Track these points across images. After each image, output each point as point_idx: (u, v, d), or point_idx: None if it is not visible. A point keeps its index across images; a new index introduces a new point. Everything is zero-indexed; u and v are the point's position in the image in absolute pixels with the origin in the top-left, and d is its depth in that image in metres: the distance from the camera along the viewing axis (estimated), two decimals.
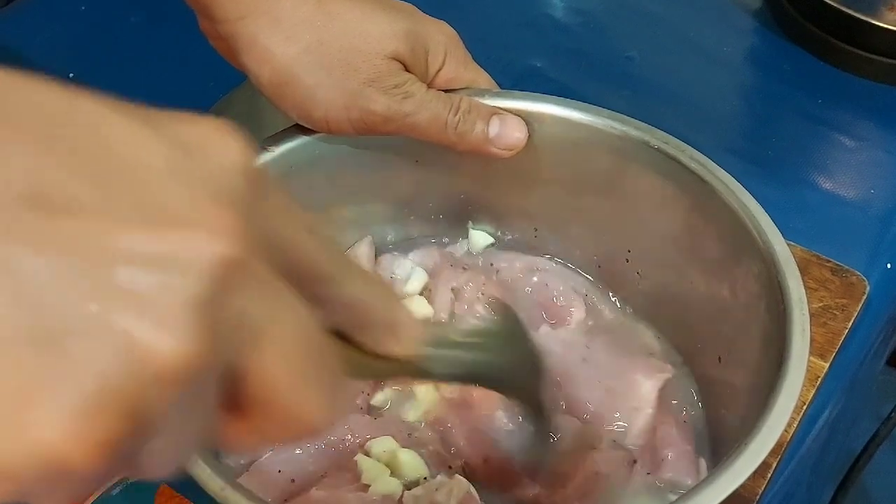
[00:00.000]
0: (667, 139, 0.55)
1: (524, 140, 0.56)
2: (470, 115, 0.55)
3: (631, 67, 0.85)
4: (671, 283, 0.58)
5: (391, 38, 0.53)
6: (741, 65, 0.88)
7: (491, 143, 0.56)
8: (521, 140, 0.56)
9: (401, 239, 0.64)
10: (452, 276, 0.60)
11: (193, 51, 0.55)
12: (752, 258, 0.51)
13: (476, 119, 0.55)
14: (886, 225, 0.72)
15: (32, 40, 0.86)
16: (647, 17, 0.90)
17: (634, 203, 0.58)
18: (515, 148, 0.56)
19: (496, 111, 0.56)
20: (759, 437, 0.43)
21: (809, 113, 0.81)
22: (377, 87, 0.52)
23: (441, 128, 0.54)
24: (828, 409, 0.64)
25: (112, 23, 0.89)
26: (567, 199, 0.60)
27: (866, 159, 0.78)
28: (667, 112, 0.61)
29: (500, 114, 0.56)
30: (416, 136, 0.55)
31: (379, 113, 0.53)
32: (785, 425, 0.43)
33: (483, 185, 0.61)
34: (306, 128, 0.55)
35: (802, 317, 0.47)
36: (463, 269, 0.61)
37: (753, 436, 0.43)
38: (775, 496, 0.59)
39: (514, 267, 0.62)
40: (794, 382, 0.45)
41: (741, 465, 0.42)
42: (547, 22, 0.90)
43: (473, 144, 0.55)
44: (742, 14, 0.90)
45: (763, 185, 0.53)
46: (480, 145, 0.55)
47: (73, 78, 0.82)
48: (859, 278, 0.66)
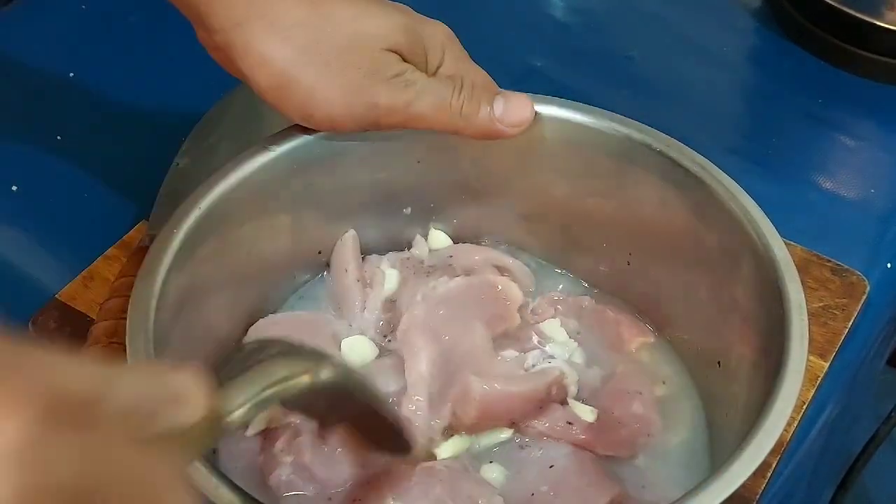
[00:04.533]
0: (668, 142, 0.55)
1: (531, 116, 0.56)
2: (474, 94, 0.54)
3: (631, 67, 0.85)
4: (671, 286, 0.58)
5: (388, 32, 0.53)
6: (741, 64, 0.88)
7: (498, 122, 0.55)
8: (528, 117, 0.55)
9: (390, 236, 0.64)
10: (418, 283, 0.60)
11: (193, 51, 0.55)
12: (751, 262, 0.51)
13: (481, 98, 0.54)
14: (887, 225, 0.73)
15: (32, 40, 0.86)
16: (647, 17, 0.90)
17: (636, 206, 0.57)
18: (522, 125, 0.55)
19: (499, 90, 0.55)
20: (756, 440, 0.43)
21: (810, 113, 0.81)
22: (378, 78, 0.52)
23: (447, 112, 0.53)
24: (828, 408, 0.64)
25: (112, 23, 0.89)
26: (568, 201, 0.60)
27: (866, 159, 0.79)
28: (667, 112, 0.61)
29: (503, 92, 0.55)
30: (423, 126, 0.54)
31: (382, 104, 0.52)
32: (781, 430, 0.43)
33: (483, 185, 0.61)
34: (306, 127, 0.55)
35: (801, 322, 0.47)
36: (426, 275, 0.60)
37: (750, 440, 0.43)
38: (775, 495, 0.59)
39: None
40: (791, 388, 0.45)
41: (739, 468, 0.42)
42: (547, 22, 0.90)
43: (481, 126, 0.54)
44: (742, 14, 0.90)
45: (763, 184, 0.53)
46: (488, 125, 0.55)
47: (73, 78, 0.82)
48: (859, 278, 0.66)
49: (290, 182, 0.56)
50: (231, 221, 0.54)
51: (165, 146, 0.73)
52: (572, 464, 0.52)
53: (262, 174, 0.55)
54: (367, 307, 0.59)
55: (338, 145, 0.57)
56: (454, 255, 0.62)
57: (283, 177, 0.56)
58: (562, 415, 0.54)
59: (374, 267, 0.61)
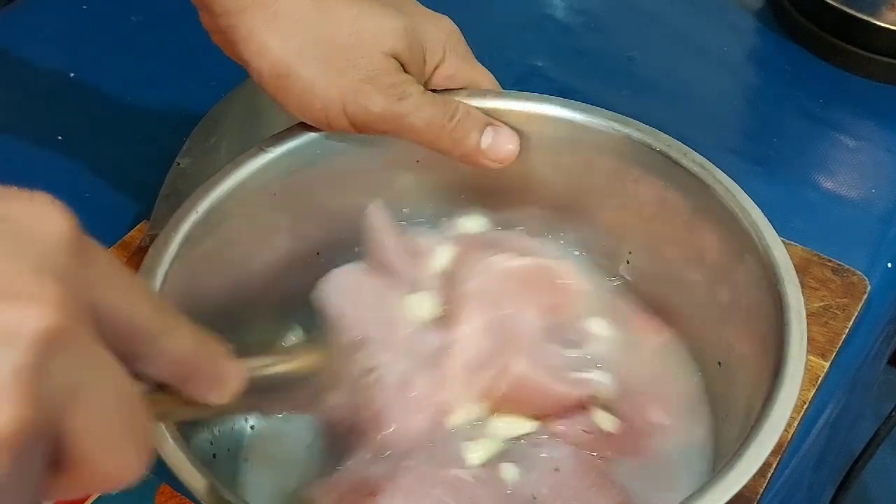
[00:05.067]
0: (669, 142, 0.55)
1: (515, 153, 0.56)
2: (466, 121, 0.55)
3: (631, 67, 0.85)
4: (671, 286, 0.58)
5: (389, 36, 0.53)
6: (742, 65, 0.88)
7: (483, 155, 0.55)
8: (512, 152, 0.56)
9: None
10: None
11: (193, 51, 0.55)
12: (751, 264, 0.51)
13: (472, 127, 0.55)
14: (887, 224, 0.72)
15: (32, 40, 0.86)
16: (647, 17, 0.90)
17: (635, 205, 0.57)
18: (506, 161, 0.56)
19: (491, 121, 0.56)
20: (756, 442, 0.42)
21: (810, 113, 0.81)
22: (374, 84, 0.52)
23: (437, 132, 0.54)
24: (828, 408, 0.64)
25: (112, 23, 0.89)
26: (567, 201, 0.60)
27: (867, 159, 0.78)
28: (667, 112, 0.61)
29: (494, 124, 0.56)
30: (412, 138, 0.55)
31: (374, 111, 0.53)
32: (779, 436, 0.43)
33: (482, 186, 0.61)
34: (307, 128, 0.55)
35: (800, 325, 0.47)
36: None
37: (751, 442, 0.43)
38: (776, 496, 0.59)
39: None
40: (790, 391, 0.45)
41: (740, 470, 0.42)
42: (548, 22, 0.90)
43: (466, 152, 0.55)
44: (742, 14, 0.90)
45: (764, 184, 0.53)
46: (473, 154, 0.55)
47: (74, 78, 0.82)
48: (860, 278, 0.66)
49: (289, 184, 0.56)
50: (229, 223, 0.54)
51: (166, 146, 0.73)
52: (576, 465, 0.52)
53: (260, 176, 0.55)
54: (417, 280, 0.58)
55: (337, 146, 0.57)
56: (501, 241, 0.60)
57: (282, 178, 0.56)
58: (583, 420, 0.53)
59: (416, 240, 0.60)
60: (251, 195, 0.55)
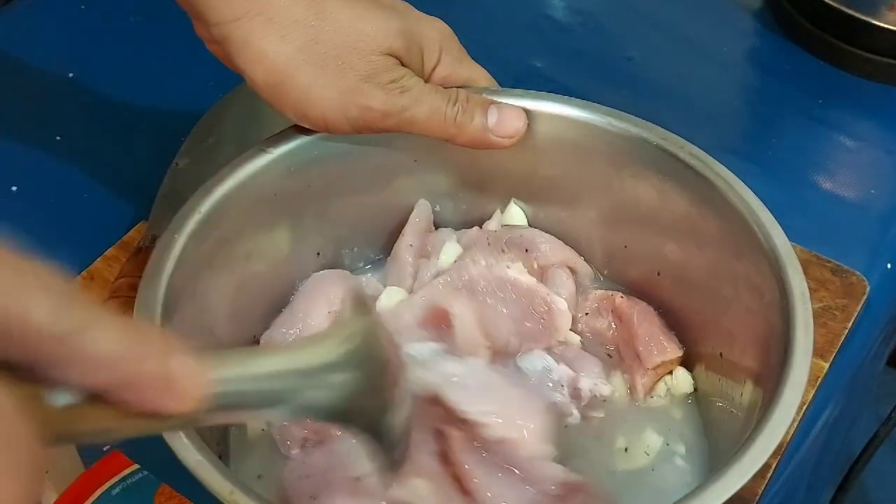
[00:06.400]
0: (665, 135, 0.55)
1: (523, 128, 0.56)
2: (469, 105, 0.55)
3: (631, 67, 0.85)
4: (671, 279, 0.58)
5: (386, 36, 0.53)
6: (741, 65, 0.88)
7: (490, 133, 0.55)
8: (520, 128, 0.56)
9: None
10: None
11: (193, 51, 0.55)
12: (752, 253, 0.51)
13: (475, 109, 0.55)
14: (887, 225, 0.72)
15: (32, 40, 0.86)
16: (647, 17, 0.90)
17: (633, 199, 0.57)
18: (514, 136, 0.56)
19: (493, 101, 0.56)
20: (756, 443, 0.42)
21: (809, 113, 0.81)
22: (374, 82, 0.52)
23: (440, 120, 0.54)
24: (828, 409, 0.64)
25: (112, 23, 0.89)
26: (565, 196, 0.60)
27: (866, 159, 0.78)
28: (667, 112, 0.60)
29: (497, 103, 0.56)
30: (416, 131, 0.54)
31: (377, 108, 0.53)
32: (788, 425, 0.43)
33: (480, 185, 0.62)
34: (306, 128, 0.55)
35: (805, 312, 0.47)
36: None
37: (755, 437, 0.42)
38: (775, 496, 0.59)
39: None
40: (798, 378, 0.44)
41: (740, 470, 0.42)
42: (547, 22, 0.90)
43: (473, 135, 0.55)
44: (742, 14, 0.90)
45: (763, 185, 0.53)
46: (480, 135, 0.55)
47: (72, 78, 0.82)
48: (859, 278, 0.66)
49: (289, 184, 0.56)
50: (231, 224, 0.54)
51: (165, 146, 0.73)
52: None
53: (260, 176, 0.55)
54: (418, 278, 0.60)
55: (336, 147, 0.57)
56: (533, 242, 0.60)
57: (282, 179, 0.56)
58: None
59: (438, 239, 0.61)
60: (251, 197, 0.55)
